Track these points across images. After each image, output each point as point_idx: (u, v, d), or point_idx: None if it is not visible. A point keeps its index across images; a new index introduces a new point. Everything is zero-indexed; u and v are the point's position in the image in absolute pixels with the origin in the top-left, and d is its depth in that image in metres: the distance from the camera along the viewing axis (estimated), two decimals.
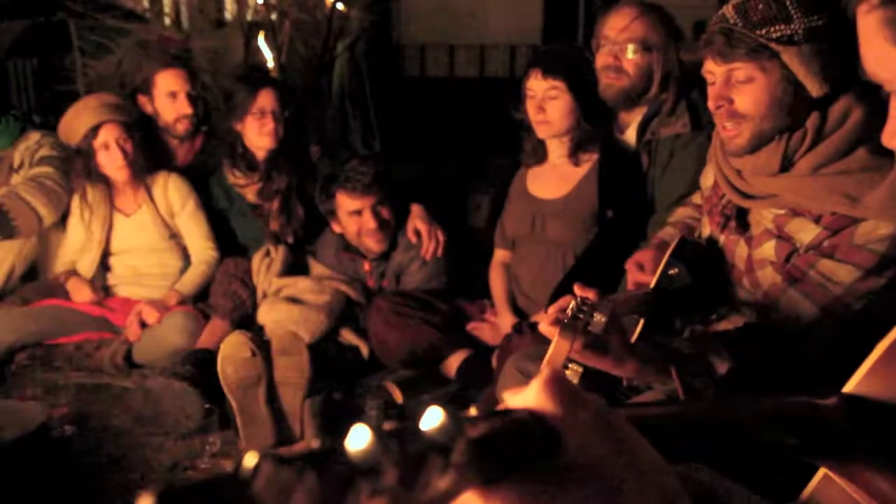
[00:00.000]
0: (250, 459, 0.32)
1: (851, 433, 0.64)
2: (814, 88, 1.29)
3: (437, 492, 0.36)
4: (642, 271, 1.54)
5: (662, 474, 0.43)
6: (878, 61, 0.67)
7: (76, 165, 2.57)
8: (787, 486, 0.81)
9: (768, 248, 1.37)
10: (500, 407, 0.47)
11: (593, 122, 2.20)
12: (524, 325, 2.14)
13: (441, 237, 2.45)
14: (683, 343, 1.29)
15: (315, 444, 0.34)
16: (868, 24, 0.66)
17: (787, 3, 1.28)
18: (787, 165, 1.34)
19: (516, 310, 2.33)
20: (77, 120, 2.55)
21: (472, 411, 0.43)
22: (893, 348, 0.69)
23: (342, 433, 0.36)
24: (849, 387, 0.71)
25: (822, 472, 0.73)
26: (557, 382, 0.43)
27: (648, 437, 0.53)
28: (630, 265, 1.59)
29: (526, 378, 1.47)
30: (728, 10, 1.33)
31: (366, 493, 0.33)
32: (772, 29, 1.27)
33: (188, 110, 2.70)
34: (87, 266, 2.61)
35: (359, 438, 0.35)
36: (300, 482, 0.32)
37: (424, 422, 0.38)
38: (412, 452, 0.35)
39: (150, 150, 2.63)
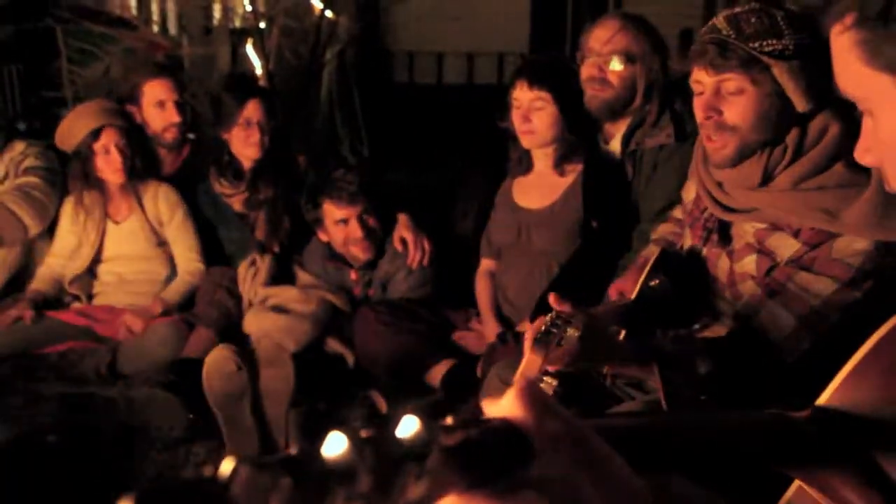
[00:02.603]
0: (228, 464, 0.33)
1: (822, 445, 0.66)
2: (800, 104, 1.32)
3: (413, 498, 0.37)
4: (623, 300, 1.56)
5: (631, 486, 0.44)
6: (850, 81, 0.69)
7: (73, 169, 2.57)
8: (763, 496, 0.82)
9: (749, 263, 1.39)
10: (477, 416, 0.48)
11: (578, 132, 2.21)
12: (509, 334, 2.15)
13: (427, 246, 2.46)
14: (667, 342, 1.31)
15: (293, 450, 0.35)
16: (841, 45, 0.68)
17: (779, 18, 1.31)
18: (767, 179, 1.37)
19: (502, 319, 2.33)
20: (78, 123, 2.55)
21: (449, 420, 0.44)
22: (864, 363, 0.71)
23: (321, 440, 0.37)
24: (822, 399, 0.73)
25: (796, 482, 0.75)
26: (530, 393, 0.44)
27: (625, 447, 0.54)
28: (612, 293, 1.61)
29: (508, 388, 1.48)
30: (720, 21, 1.35)
31: (341, 499, 0.34)
32: (764, 43, 1.30)
33: (176, 119, 2.70)
34: (74, 273, 2.60)
35: (335, 445, 0.35)
36: (276, 487, 0.33)
37: (400, 430, 0.39)
38: (387, 459, 0.36)
39: (144, 158, 2.63)
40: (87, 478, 1.96)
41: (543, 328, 1.07)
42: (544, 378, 1.05)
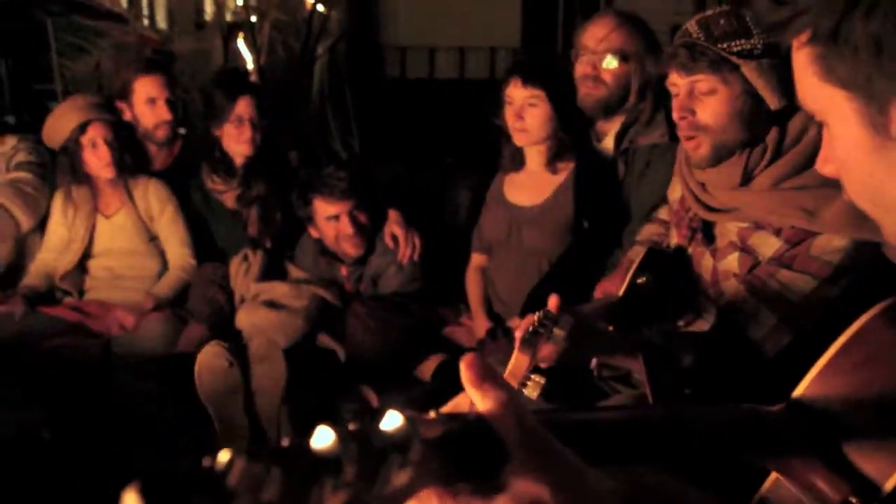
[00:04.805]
0: (224, 455, 0.36)
1: (793, 437, 0.68)
2: (772, 101, 1.35)
3: (396, 487, 0.40)
4: (611, 298, 1.58)
5: (598, 494, 0.47)
6: (807, 95, 0.72)
7: (61, 164, 2.57)
8: (739, 487, 0.85)
9: (732, 261, 1.42)
10: (456, 410, 0.50)
11: (571, 130, 2.22)
12: (499, 330, 2.17)
13: (418, 242, 2.47)
14: (653, 334, 1.34)
15: (284, 442, 0.38)
16: (799, 59, 0.71)
17: (748, 19, 1.34)
18: (747, 179, 1.40)
19: (492, 315, 2.36)
20: (65, 117, 2.55)
21: (432, 415, 0.46)
22: (836, 358, 0.74)
23: (310, 433, 0.39)
24: (796, 393, 0.75)
25: (773, 474, 0.78)
26: (506, 400, 0.47)
27: (601, 441, 0.57)
28: (598, 293, 1.63)
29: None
30: (691, 25, 1.39)
31: (329, 488, 0.37)
32: (733, 43, 1.33)
33: (167, 116, 2.70)
34: (65, 268, 2.61)
35: (322, 437, 0.38)
36: (268, 477, 0.35)
37: (384, 423, 0.41)
38: (371, 451, 0.39)
39: (133, 153, 2.63)
40: (81, 473, 1.98)
41: (531, 328, 1.10)
42: (532, 376, 1.07)
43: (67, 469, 1.99)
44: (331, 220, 2.42)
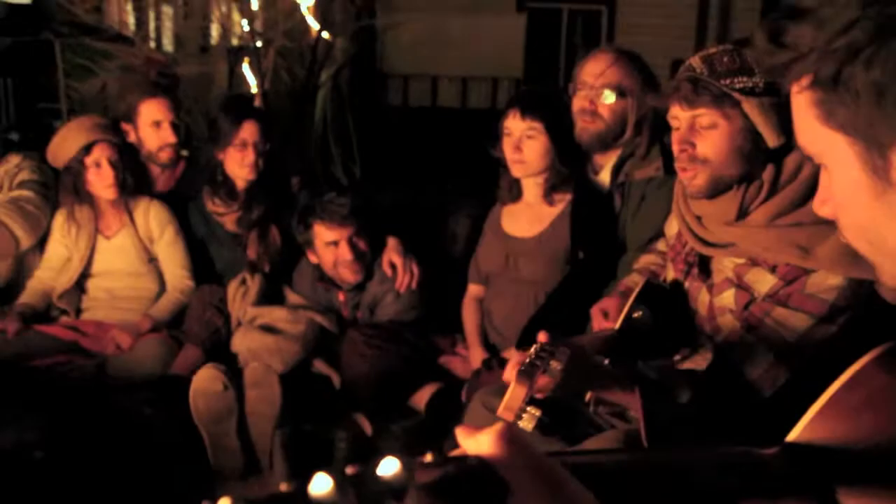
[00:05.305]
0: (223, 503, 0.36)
1: (788, 481, 0.68)
2: (771, 139, 1.37)
3: None
4: (606, 319, 1.59)
5: None
6: (807, 138, 0.73)
7: (65, 183, 2.59)
8: None
9: (728, 297, 1.43)
10: (454, 453, 0.50)
11: (568, 163, 2.25)
12: (494, 360, 2.17)
13: (416, 270, 2.48)
14: (649, 369, 1.35)
15: (282, 487, 0.38)
16: (798, 104, 0.72)
17: (749, 58, 1.36)
18: (743, 214, 1.41)
19: (488, 345, 2.36)
20: (71, 137, 2.57)
21: (428, 457, 0.46)
22: (833, 401, 0.74)
23: (308, 471, 0.40)
24: (792, 436, 0.76)
25: None
26: (506, 436, 0.47)
27: (597, 483, 0.57)
28: (595, 312, 1.64)
29: (492, 414, 1.51)
30: (695, 60, 1.42)
31: None
32: (735, 80, 1.36)
33: (172, 139, 2.72)
34: (63, 287, 2.61)
35: (320, 484, 0.39)
36: None
37: (381, 469, 0.42)
38: (367, 497, 0.39)
39: (136, 174, 2.65)
40: (74, 492, 1.96)
41: (528, 360, 1.10)
42: (528, 408, 1.07)
43: (61, 488, 1.98)
44: (330, 245, 2.42)
